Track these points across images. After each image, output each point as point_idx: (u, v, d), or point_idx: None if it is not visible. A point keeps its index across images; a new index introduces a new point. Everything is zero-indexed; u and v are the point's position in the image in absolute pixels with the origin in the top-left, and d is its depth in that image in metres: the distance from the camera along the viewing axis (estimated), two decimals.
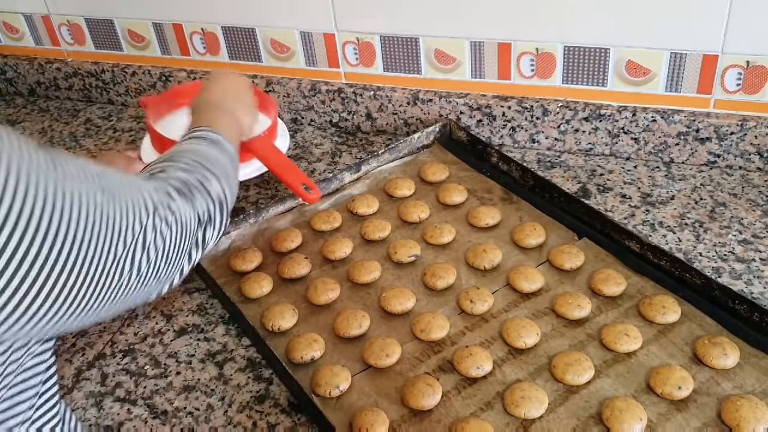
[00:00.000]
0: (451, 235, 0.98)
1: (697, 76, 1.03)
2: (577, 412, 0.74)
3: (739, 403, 0.71)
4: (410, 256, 0.95)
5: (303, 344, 0.83)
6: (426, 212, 1.03)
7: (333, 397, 0.77)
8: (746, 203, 1.00)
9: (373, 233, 1.00)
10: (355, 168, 1.11)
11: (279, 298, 0.92)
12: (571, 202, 1.00)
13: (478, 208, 1.02)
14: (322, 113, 1.30)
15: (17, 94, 1.56)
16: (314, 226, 1.03)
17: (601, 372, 0.78)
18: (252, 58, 1.32)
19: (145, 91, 1.42)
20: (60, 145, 1.36)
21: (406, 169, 1.14)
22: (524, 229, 0.97)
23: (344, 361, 0.82)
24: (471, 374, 0.78)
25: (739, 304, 0.81)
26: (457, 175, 1.11)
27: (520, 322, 0.83)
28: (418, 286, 0.91)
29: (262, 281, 0.93)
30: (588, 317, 0.84)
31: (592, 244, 0.95)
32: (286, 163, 1.00)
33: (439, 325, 0.84)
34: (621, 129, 1.10)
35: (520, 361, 0.80)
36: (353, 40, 1.22)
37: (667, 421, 0.72)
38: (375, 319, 0.87)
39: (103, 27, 1.40)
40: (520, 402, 0.74)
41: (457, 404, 0.76)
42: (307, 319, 0.88)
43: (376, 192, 1.09)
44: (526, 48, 1.11)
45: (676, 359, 0.78)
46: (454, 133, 1.19)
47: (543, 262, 0.93)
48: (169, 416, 0.80)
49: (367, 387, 0.79)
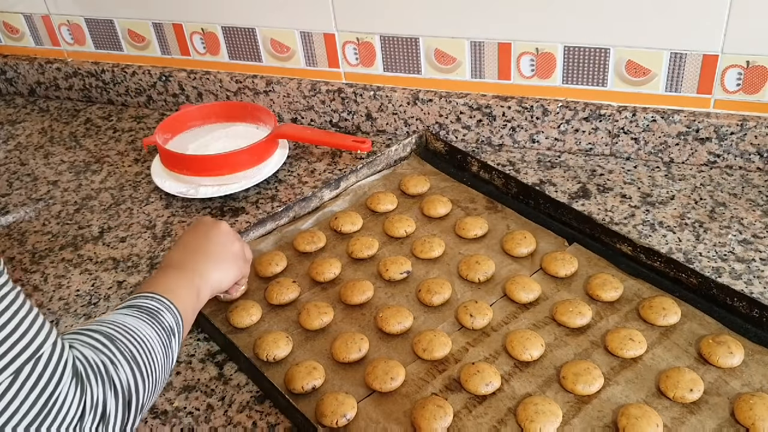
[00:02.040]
0: (441, 248, 0.96)
1: (697, 76, 1.04)
2: (591, 423, 0.73)
3: (752, 401, 0.71)
4: (402, 272, 0.93)
5: (302, 373, 0.79)
6: (412, 226, 1.01)
7: (340, 426, 0.74)
8: (746, 203, 1.01)
9: (360, 251, 0.97)
10: (335, 184, 1.09)
11: (270, 326, 0.88)
12: (558, 207, 0.99)
13: (464, 219, 1.01)
14: (322, 113, 1.29)
15: (17, 94, 1.55)
16: (298, 247, 0.99)
17: (611, 379, 0.77)
18: (252, 58, 1.30)
19: (145, 91, 1.41)
20: (60, 145, 1.35)
21: (386, 183, 1.12)
22: (514, 238, 0.96)
23: (347, 388, 0.79)
24: (480, 392, 0.76)
25: (738, 301, 0.81)
26: (439, 186, 1.10)
27: (524, 334, 0.81)
28: (414, 303, 0.89)
29: (251, 309, 0.89)
30: (590, 324, 0.83)
31: (583, 249, 0.94)
32: (324, 132, 1.23)
33: (441, 342, 0.82)
34: (621, 129, 1.10)
35: (527, 374, 0.78)
36: (353, 40, 1.20)
37: (682, 425, 0.71)
38: (373, 341, 0.84)
39: (103, 27, 1.39)
40: (535, 417, 0.72)
41: (470, 424, 0.73)
42: (302, 345, 0.85)
43: (358, 208, 1.07)
44: (526, 48, 1.10)
45: (683, 361, 0.78)
46: (431, 143, 1.18)
47: (537, 271, 0.92)
48: (169, 416, 0.79)
49: (374, 413, 0.76)
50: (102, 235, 1.09)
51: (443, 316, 0.87)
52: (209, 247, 0.80)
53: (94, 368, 0.55)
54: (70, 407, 0.51)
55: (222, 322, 0.89)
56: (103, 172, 1.25)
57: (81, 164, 1.28)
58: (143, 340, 0.61)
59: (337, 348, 0.82)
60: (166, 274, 0.74)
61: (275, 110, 1.32)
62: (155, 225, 1.10)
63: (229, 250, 0.82)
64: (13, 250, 1.07)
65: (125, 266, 1.02)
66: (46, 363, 0.50)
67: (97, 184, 1.22)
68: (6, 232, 1.11)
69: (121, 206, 1.15)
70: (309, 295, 0.92)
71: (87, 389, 0.53)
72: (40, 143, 1.36)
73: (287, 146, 1.22)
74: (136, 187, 1.19)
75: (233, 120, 1.27)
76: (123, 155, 1.29)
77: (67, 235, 1.09)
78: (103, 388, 0.54)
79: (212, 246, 0.80)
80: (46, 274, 1.02)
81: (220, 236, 0.82)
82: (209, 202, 1.13)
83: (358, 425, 0.74)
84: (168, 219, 1.11)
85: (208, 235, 0.81)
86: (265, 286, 0.93)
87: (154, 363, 0.61)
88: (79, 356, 0.54)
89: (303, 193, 1.13)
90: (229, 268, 0.81)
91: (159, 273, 0.75)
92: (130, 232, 1.09)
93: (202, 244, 0.80)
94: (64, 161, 1.29)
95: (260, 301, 0.91)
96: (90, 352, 0.56)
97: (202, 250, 0.79)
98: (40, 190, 1.22)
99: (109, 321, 0.62)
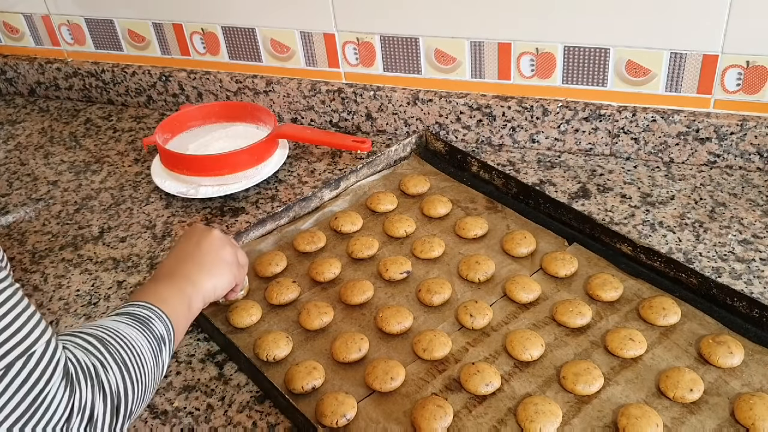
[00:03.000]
0: (441, 248, 0.96)
1: (697, 76, 1.04)
2: (591, 423, 0.73)
3: (752, 401, 0.71)
4: (402, 272, 0.92)
5: (302, 373, 0.79)
6: (412, 226, 1.01)
7: (340, 426, 0.74)
8: (746, 203, 1.01)
9: (360, 251, 0.97)
10: (335, 184, 1.09)
11: (270, 326, 0.88)
12: (558, 207, 0.99)
13: (464, 219, 1.01)
14: (322, 113, 1.29)
15: (17, 94, 1.55)
16: (298, 247, 0.99)
17: (611, 379, 0.77)
18: (252, 58, 1.30)
19: (145, 91, 1.41)
20: (60, 145, 1.35)
21: (386, 183, 1.12)
22: (514, 238, 0.96)
23: (347, 387, 0.79)
24: (480, 392, 0.76)
25: (738, 301, 0.81)
26: (439, 186, 1.10)
27: (524, 334, 0.81)
28: (414, 303, 0.89)
29: (251, 309, 0.89)
30: (590, 324, 0.83)
31: (583, 249, 0.94)
32: (324, 132, 1.23)
33: (441, 342, 0.82)
34: (621, 129, 1.10)
35: (527, 374, 0.78)
36: (353, 40, 1.20)
37: (682, 425, 0.71)
38: (373, 341, 0.84)
39: (103, 27, 1.39)
40: (535, 417, 0.72)
41: (470, 424, 0.73)
42: (302, 345, 0.85)
43: (358, 208, 1.07)
44: (526, 48, 1.11)
45: (682, 361, 0.78)
46: (431, 143, 1.18)
47: (537, 271, 0.92)
48: (169, 416, 0.79)
49: (374, 413, 0.76)
50: (102, 235, 1.09)
51: (443, 316, 0.87)
52: (201, 255, 0.79)
53: (84, 370, 0.55)
54: (58, 407, 0.51)
55: (222, 322, 0.89)
56: (103, 172, 1.25)
57: (81, 164, 1.28)
58: (134, 346, 0.61)
59: (337, 348, 0.82)
60: (158, 284, 0.74)
61: (275, 110, 1.32)
62: (155, 225, 1.10)
63: (221, 258, 0.80)
64: (13, 250, 1.07)
65: (125, 266, 1.02)
66: (38, 360, 0.50)
67: (97, 184, 1.22)
68: (6, 232, 1.11)
69: (121, 206, 1.15)
70: (309, 295, 0.92)
71: (76, 390, 0.53)
72: (40, 143, 1.36)
73: (287, 146, 1.22)
74: (136, 187, 1.19)
75: (233, 120, 1.27)
76: (123, 155, 1.29)
77: (67, 235, 1.09)
78: (92, 390, 0.54)
79: (204, 254, 0.79)
80: (46, 274, 1.02)
81: (213, 244, 0.81)
82: (209, 202, 1.13)
83: (358, 425, 0.74)
84: (168, 219, 1.11)
85: (199, 243, 0.80)
86: (265, 286, 0.93)
87: (144, 369, 0.61)
88: (71, 357, 0.55)
89: (303, 193, 1.13)
90: (222, 275, 0.80)
91: (150, 282, 0.75)
92: (130, 232, 1.09)
93: (193, 252, 0.79)
94: (64, 161, 1.29)
95: (260, 301, 0.91)
96: (81, 354, 0.56)
97: (193, 259, 0.78)
98: (40, 190, 1.22)
99: (101, 326, 0.62)
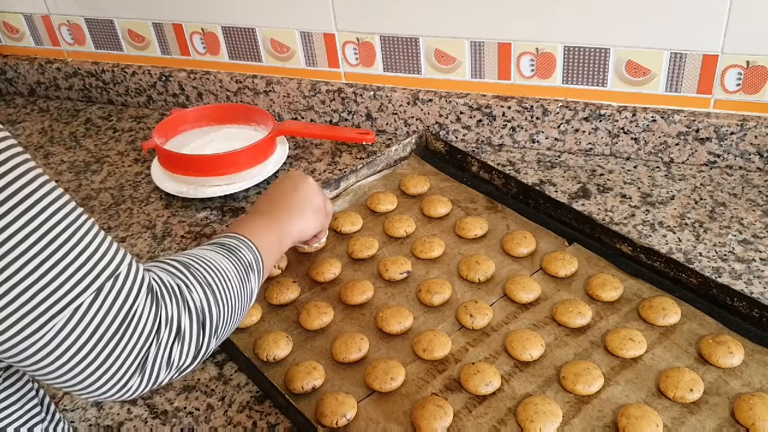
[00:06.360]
0: (441, 248, 0.96)
1: (697, 76, 1.04)
2: (591, 423, 0.73)
3: (751, 401, 0.71)
4: (402, 272, 0.93)
5: (302, 373, 0.79)
6: (412, 226, 1.01)
7: (340, 426, 0.74)
8: (746, 203, 1.01)
9: (360, 251, 0.97)
10: (335, 184, 1.09)
11: (270, 326, 0.88)
12: (558, 207, 0.99)
13: (464, 219, 1.01)
14: (322, 113, 1.29)
15: (17, 94, 1.56)
16: (297, 247, 0.99)
17: (611, 379, 0.77)
18: (252, 58, 1.31)
19: (145, 91, 1.42)
20: (60, 145, 1.35)
21: (386, 183, 1.12)
22: (514, 238, 0.96)
23: (347, 387, 0.79)
24: (480, 392, 0.76)
25: (738, 301, 0.81)
26: (439, 186, 1.10)
27: (523, 334, 0.81)
28: (414, 303, 0.89)
29: (251, 309, 0.89)
30: (590, 324, 0.83)
31: (583, 249, 0.94)
32: (327, 126, 1.26)
33: (441, 342, 0.82)
34: (621, 129, 1.10)
35: (527, 374, 0.78)
36: (353, 40, 1.20)
37: (682, 425, 0.71)
38: (373, 341, 0.84)
39: (103, 27, 1.39)
40: (535, 417, 0.72)
41: (470, 424, 0.73)
42: (302, 345, 0.85)
43: (358, 208, 1.07)
44: (526, 48, 1.11)
45: (682, 361, 0.78)
46: (431, 143, 1.18)
47: (537, 270, 0.92)
48: (169, 416, 0.79)
49: (374, 413, 0.76)
50: None
51: (443, 316, 0.87)
52: (294, 198, 0.85)
53: (169, 289, 0.57)
54: (147, 321, 0.54)
55: None
56: (103, 172, 1.25)
57: (81, 164, 1.28)
58: (218, 269, 0.64)
59: (337, 348, 0.82)
60: (252, 219, 0.80)
61: (275, 110, 1.32)
62: (155, 225, 1.10)
63: (313, 204, 0.87)
64: None
65: None
66: (124, 281, 0.53)
67: (97, 184, 1.22)
68: None
69: (121, 206, 1.15)
70: (309, 295, 0.92)
71: (162, 306, 0.56)
72: (40, 143, 1.36)
73: (287, 146, 1.22)
74: (136, 187, 1.19)
75: (226, 122, 1.26)
76: (123, 155, 1.30)
77: None
78: (177, 306, 0.57)
79: (297, 198, 0.85)
80: None
81: (307, 190, 0.87)
82: (209, 202, 1.13)
83: (358, 425, 0.74)
84: (168, 219, 1.11)
85: (295, 186, 0.87)
86: (265, 286, 0.93)
87: (228, 290, 0.63)
88: (155, 278, 0.57)
89: None
90: (311, 220, 0.86)
91: (244, 218, 0.82)
92: (130, 232, 1.09)
93: (288, 195, 0.85)
94: (64, 161, 1.29)
95: (260, 301, 0.91)
96: (166, 276, 0.59)
97: (289, 201, 0.84)
98: None
99: (188, 254, 0.65)
